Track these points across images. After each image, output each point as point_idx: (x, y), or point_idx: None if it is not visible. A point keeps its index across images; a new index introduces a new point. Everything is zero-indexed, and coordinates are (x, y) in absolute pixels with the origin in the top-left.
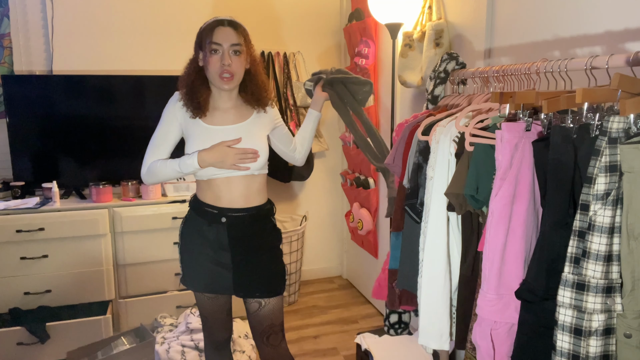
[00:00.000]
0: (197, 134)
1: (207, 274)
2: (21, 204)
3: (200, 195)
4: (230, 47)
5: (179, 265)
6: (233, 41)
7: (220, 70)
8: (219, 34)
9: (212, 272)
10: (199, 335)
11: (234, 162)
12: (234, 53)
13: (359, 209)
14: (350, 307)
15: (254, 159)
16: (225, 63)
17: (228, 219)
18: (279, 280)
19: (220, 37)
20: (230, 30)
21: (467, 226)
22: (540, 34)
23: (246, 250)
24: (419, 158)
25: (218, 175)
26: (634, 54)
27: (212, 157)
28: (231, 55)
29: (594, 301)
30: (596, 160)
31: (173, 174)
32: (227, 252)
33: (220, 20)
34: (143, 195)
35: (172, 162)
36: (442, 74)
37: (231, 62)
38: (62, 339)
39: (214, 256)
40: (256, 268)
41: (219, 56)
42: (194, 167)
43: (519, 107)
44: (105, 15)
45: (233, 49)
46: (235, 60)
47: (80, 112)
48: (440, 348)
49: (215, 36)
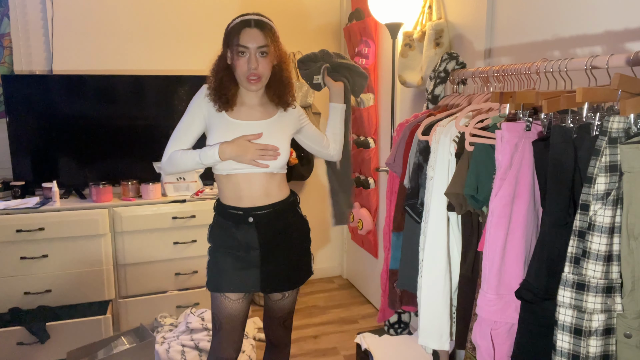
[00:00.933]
0: (221, 127)
1: (236, 273)
2: (21, 204)
3: (222, 198)
4: (257, 49)
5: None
6: (260, 43)
7: (247, 72)
8: (245, 37)
9: (240, 271)
10: (199, 335)
11: (254, 157)
12: (261, 54)
13: (359, 208)
14: (350, 307)
15: (274, 156)
16: (252, 66)
17: (255, 217)
18: (305, 272)
19: (247, 39)
20: (257, 31)
21: (467, 226)
22: (540, 34)
23: (275, 246)
24: (420, 158)
25: (238, 171)
26: (634, 54)
27: (232, 150)
28: (258, 57)
29: (594, 301)
30: (596, 160)
31: (193, 164)
32: (256, 250)
33: (247, 20)
34: (143, 195)
35: (193, 153)
36: (442, 74)
37: (258, 64)
38: (62, 339)
39: (244, 256)
40: (284, 263)
41: (246, 58)
42: (214, 159)
43: (519, 107)
44: (105, 15)
45: (260, 50)
46: (262, 62)
47: (80, 112)
48: (440, 348)
49: (242, 39)
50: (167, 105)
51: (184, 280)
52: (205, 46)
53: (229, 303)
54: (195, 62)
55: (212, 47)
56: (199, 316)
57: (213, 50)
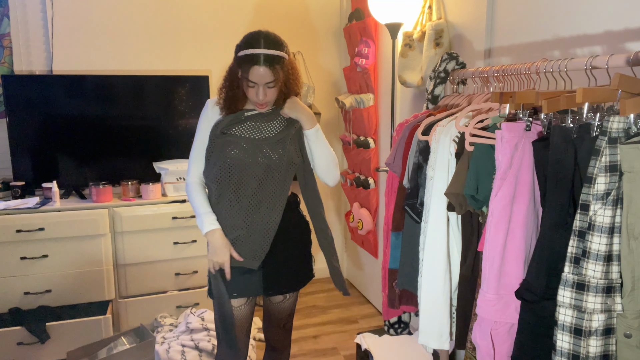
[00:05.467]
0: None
1: (238, 278)
2: (21, 204)
3: None
4: (265, 84)
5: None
6: (268, 80)
7: (256, 100)
8: (254, 75)
9: (242, 275)
10: (199, 335)
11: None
12: (269, 87)
13: (359, 208)
14: (350, 307)
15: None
16: (260, 98)
17: None
18: (306, 274)
19: (256, 77)
20: (265, 70)
21: (467, 226)
22: (540, 34)
23: (275, 248)
24: (419, 158)
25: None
26: (634, 54)
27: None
28: (266, 89)
29: (594, 301)
30: (596, 160)
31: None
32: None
33: (256, 58)
34: (143, 195)
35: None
36: (442, 74)
37: (266, 95)
38: (62, 339)
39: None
40: (285, 265)
41: (255, 89)
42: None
43: (519, 107)
44: (106, 15)
45: (268, 85)
46: (270, 92)
47: (80, 112)
48: (440, 348)
49: (251, 75)
50: (167, 105)
51: (184, 280)
52: (205, 46)
53: (233, 311)
54: (195, 62)
55: (212, 47)
56: (199, 316)
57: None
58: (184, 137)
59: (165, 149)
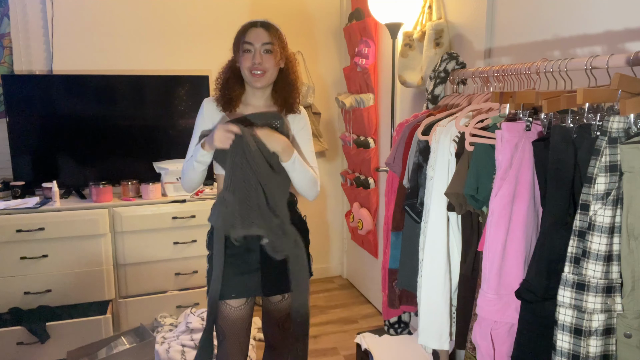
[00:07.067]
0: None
1: (236, 279)
2: (21, 204)
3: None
4: (262, 47)
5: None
6: (264, 40)
7: (251, 66)
8: (251, 34)
9: (241, 276)
10: (199, 335)
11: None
12: (266, 52)
13: (359, 208)
14: (350, 307)
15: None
16: (256, 61)
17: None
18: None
19: (252, 36)
20: (262, 30)
21: (467, 226)
22: (540, 34)
23: None
24: (419, 158)
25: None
26: (634, 54)
27: (209, 138)
28: (262, 54)
29: (594, 301)
30: (596, 160)
31: (191, 164)
32: (255, 252)
33: (253, 22)
34: (143, 195)
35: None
36: (442, 74)
37: (262, 60)
38: (62, 339)
39: (242, 259)
40: (283, 264)
41: (251, 55)
42: (199, 151)
43: (519, 107)
44: (105, 15)
45: (264, 47)
46: (267, 59)
47: (81, 112)
48: (440, 348)
49: (248, 36)
50: (167, 105)
51: (184, 280)
52: (205, 46)
53: (232, 311)
54: (195, 62)
55: (212, 47)
56: (199, 316)
57: (213, 50)
58: (184, 137)
59: (165, 149)
